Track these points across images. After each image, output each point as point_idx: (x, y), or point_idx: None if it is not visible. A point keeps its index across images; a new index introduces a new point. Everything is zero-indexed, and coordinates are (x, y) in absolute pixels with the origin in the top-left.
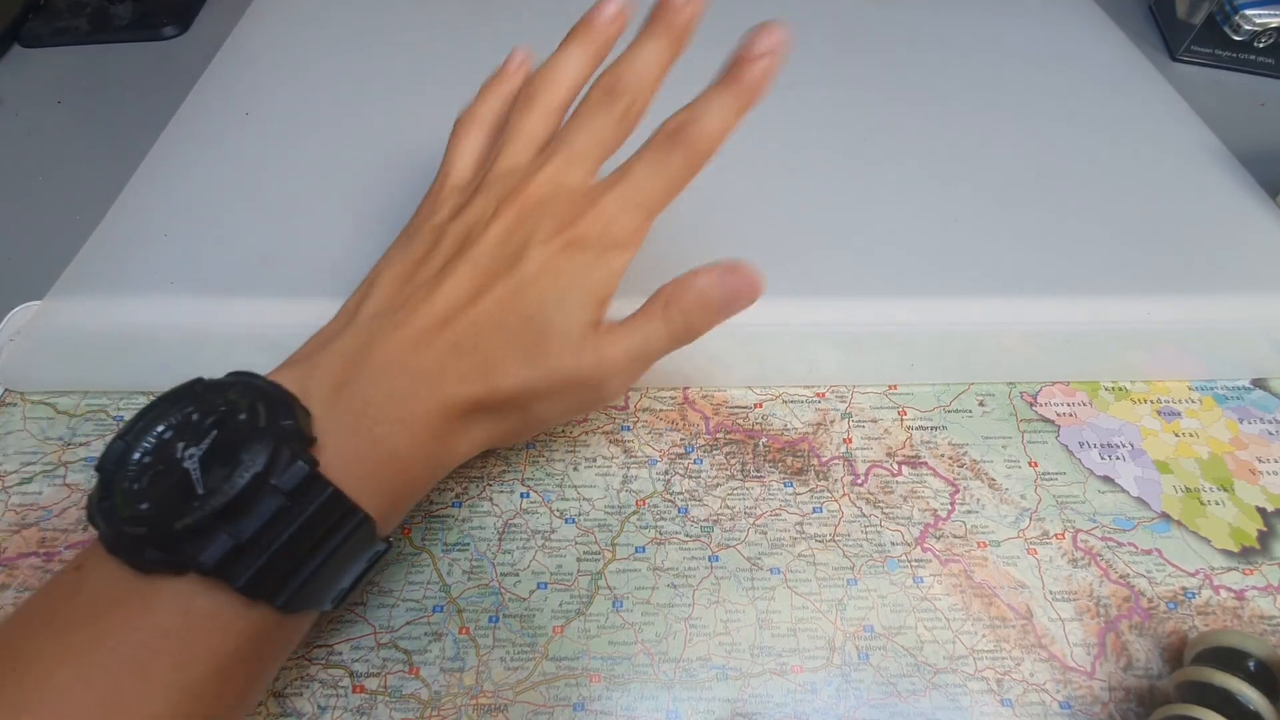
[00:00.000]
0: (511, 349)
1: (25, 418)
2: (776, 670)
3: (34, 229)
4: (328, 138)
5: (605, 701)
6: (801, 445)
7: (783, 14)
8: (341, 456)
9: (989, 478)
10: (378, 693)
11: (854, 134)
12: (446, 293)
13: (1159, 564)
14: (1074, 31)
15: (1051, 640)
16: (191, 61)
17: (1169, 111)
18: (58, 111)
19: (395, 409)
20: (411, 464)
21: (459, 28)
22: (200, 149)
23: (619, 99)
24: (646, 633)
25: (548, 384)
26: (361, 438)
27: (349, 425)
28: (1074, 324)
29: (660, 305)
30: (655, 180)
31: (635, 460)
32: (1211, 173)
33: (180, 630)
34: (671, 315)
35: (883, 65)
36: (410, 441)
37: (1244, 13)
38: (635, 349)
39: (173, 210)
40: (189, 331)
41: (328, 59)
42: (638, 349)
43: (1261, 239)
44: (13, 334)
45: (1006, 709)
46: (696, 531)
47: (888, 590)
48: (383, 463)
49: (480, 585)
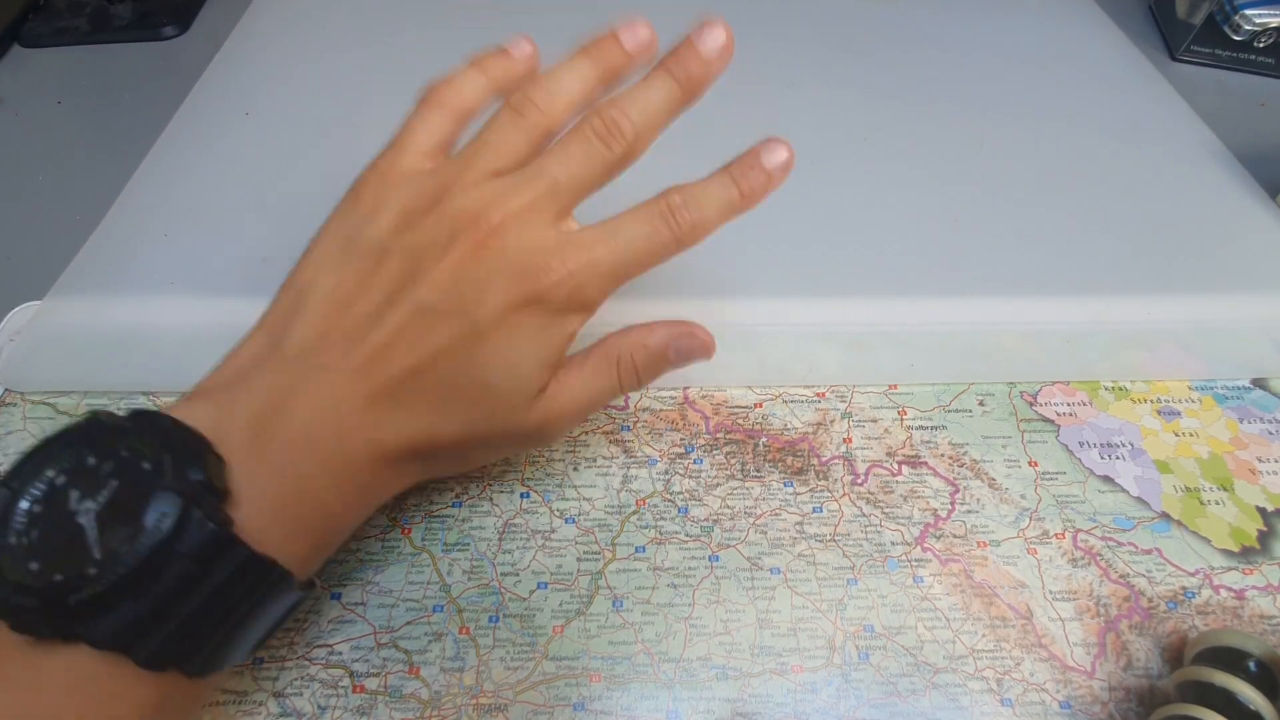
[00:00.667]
0: (454, 404)
1: (25, 418)
2: (777, 670)
3: (34, 229)
4: (328, 138)
5: (605, 701)
6: (801, 445)
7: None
8: (259, 507)
9: (989, 477)
10: (378, 693)
11: (854, 134)
12: (387, 335)
13: (1159, 564)
14: (1074, 31)
15: (1051, 640)
16: (191, 61)
17: (1169, 111)
18: (58, 111)
19: (321, 457)
20: (336, 510)
21: (459, 28)
22: (200, 149)
23: (617, 141)
24: (646, 632)
25: (489, 438)
26: (283, 486)
27: (268, 473)
28: (1074, 324)
29: (612, 361)
30: (641, 254)
31: (635, 460)
32: (1211, 173)
33: (74, 707)
34: (624, 372)
35: (883, 65)
36: (336, 490)
37: (1244, 13)
38: (583, 402)
39: (173, 210)
40: (189, 331)
41: (328, 59)
42: (585, 402)
43: (1261, 239)
44: (13, 334)
45: (1006, 709)
46: (696, 531)
47: (888, 590)
48: (305, 511)
49: (480, 585)
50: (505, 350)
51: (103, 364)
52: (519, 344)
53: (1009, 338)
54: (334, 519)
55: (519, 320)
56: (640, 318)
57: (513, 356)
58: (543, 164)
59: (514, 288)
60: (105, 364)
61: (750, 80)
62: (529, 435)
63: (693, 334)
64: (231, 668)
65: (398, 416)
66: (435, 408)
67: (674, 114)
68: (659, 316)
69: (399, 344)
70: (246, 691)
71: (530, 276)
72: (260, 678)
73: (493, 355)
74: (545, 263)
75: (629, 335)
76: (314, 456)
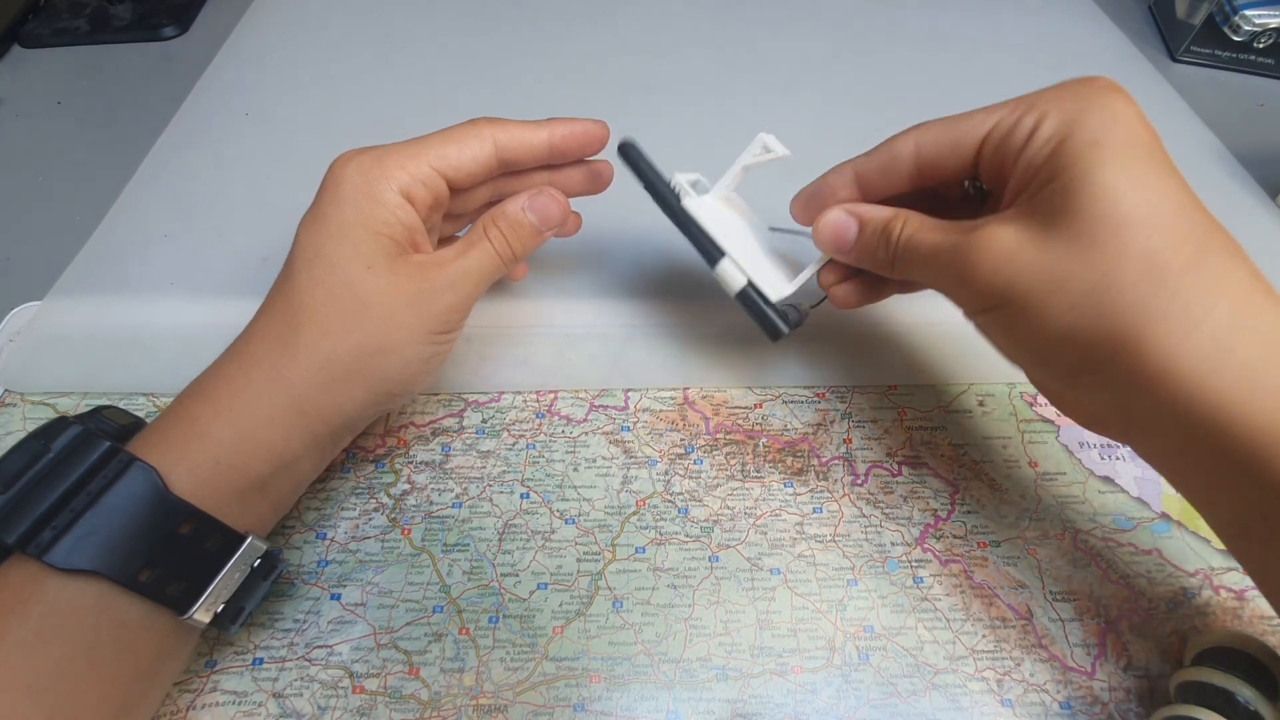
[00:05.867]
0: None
1: (25, 418)
2: (777, 670)
3: (34, 229)
4: (327, 138)
5: (605, 702)
6: (801, 445)
7: (784, 14)
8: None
9: (989, 478)
10: (378, 693)
11: (854, 134)
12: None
13: (1159, 564)
14: (1074, 31)
15: (1052, 640)
16: (191, 62)
17: (1169, 111)
18: (58, 112)
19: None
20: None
21: (458, 27)
22: (200, 149)
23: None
24: (646, 633)
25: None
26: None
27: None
28: None
29: (480, 227)
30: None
31: (635, 461)
32: (1211, 173)
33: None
34: (493, 238)
35: (883, 65)
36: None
37: (1244, 13)
38: (470, 272)
39: (173, 210)
40: (189, 331)
41: (328, 59)
42: (473, 273)
43: (1261, 239)
44: (13, 334)
45: (1007, 709)
46: (696, 532)
47: (888, 590)
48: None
49: (480, 586)
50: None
51: (102, 364)
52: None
53: None
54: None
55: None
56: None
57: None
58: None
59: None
60: (105, 364)
61: (751, 80)
62: (423, 313)
63: (548, 195)
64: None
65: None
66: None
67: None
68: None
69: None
70: (246, 692)
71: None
72: (260, 678)
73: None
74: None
75: (494, 208)
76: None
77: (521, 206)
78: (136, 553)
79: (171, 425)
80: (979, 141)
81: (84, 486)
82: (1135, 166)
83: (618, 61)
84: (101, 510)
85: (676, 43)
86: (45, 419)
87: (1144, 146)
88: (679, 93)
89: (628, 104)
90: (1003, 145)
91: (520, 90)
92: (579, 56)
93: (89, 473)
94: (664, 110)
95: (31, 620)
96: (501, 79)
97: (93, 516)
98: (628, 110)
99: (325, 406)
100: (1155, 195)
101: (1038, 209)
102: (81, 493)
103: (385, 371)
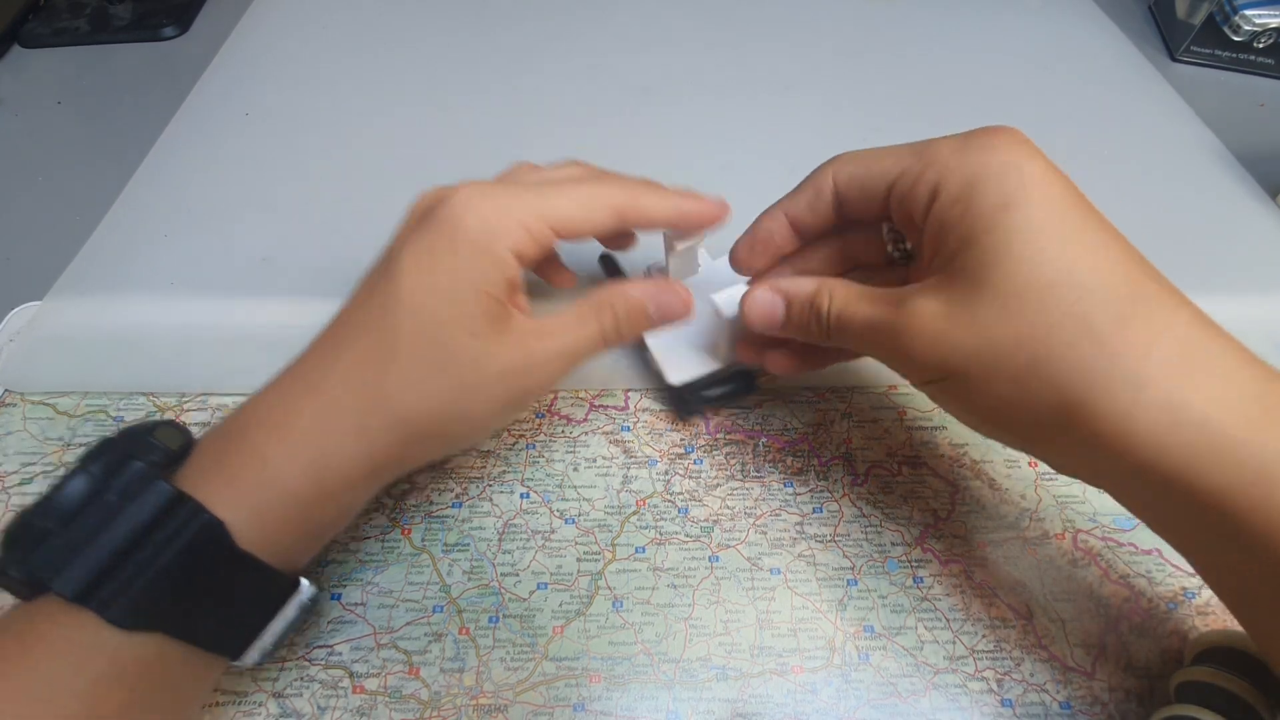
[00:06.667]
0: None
1: (25, 418)
2: (777, 670)
3: (34, 229)
4: (327, 138)
5: (605, 702)
6: (801, 445)
7: (783, 14)
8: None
9: (989, 478)
10: (378, 693)
11: (853, 134)
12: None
13: (1159, 564)
14: (1074, 31)
15: (1052, 640)
16: (191, 61)
17: (1169, 112)
18: (58, 111)
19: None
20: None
21: (458, 27)
22: (200, 149)
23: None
24: (646, 633)
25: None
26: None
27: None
28: None
29: (594, 309)
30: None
31: (635, 460)
32: (1211, 173)
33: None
34: (605, 320)
35: (883, 65)
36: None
37: (1244, 13)
38: (567, 348)
39: (173, 210)
40: (189, 331)
41: (328, 59)
42: (569, 349)
43: (1261, 239)
44: (13, 334)
45: (1007, 709)
46: (696, 532)
47: (888, 590)
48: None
49: (480, 585)
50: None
51: (102, 364)
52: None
53: None
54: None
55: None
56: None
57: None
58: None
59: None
60: (105, 364)
61: (750, 80)
62: (512, 387)
63: (673, 290)
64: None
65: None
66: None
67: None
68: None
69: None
70: (246, 692)
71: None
72: (260, 678)
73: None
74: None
75: (613, 287)
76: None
77: (648, 298)
78: (199, 608)
79: (239, 462)
80: (886, 188)
81: (149, 536)
82: (1051, 226)
83: (617, 61)
84: (165, 568)
85: (676, 43)
86: (45, 419)
87: (1056, 200)
88: (679, 93)
89: (627, 104)
90: (907, 199)
91: (520, 90)
92: (579, 56)
93: (153, 523)
94: (664, 110)
95: (87, 672)
96: (501, 79)
97: (158, 577)
98: (627, 110)
99: (395, 464)
100: (1076, 252)
101: (959, 278)
102: (147, 544)
103: (453, 436)
